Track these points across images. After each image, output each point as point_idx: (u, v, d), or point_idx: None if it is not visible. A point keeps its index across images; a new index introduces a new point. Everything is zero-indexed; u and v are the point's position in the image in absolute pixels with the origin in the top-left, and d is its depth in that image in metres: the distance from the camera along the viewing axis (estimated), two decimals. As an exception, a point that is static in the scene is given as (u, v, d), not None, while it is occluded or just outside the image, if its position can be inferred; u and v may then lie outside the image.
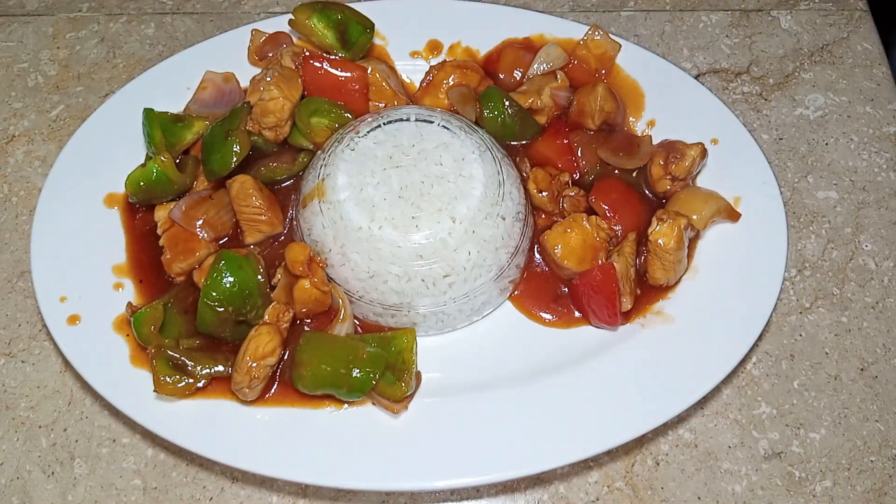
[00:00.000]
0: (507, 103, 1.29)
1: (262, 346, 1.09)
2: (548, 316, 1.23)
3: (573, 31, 1.42)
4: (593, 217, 1.23)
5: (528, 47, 1.42)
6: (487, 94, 1.30)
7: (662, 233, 1.17)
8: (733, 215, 1.25)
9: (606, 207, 1.25)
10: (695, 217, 1.23)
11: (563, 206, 1.27)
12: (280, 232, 1.26)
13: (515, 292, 1.25)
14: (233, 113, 1.26)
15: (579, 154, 1.32)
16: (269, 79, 1.26)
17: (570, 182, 1.29)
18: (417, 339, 1.16)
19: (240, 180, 1.22)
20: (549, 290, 1.25)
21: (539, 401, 1.13)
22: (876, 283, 1.33)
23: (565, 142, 1.32)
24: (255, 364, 1.09)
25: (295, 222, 1.26)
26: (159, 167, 1.22)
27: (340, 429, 1.11)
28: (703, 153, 1.27)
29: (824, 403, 1.23)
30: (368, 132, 1.22)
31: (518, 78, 1.40)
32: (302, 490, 1.16)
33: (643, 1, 1.65)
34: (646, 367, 1.15)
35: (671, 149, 1.27)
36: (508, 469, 1.08)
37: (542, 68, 1.38)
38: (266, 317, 1.13)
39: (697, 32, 1.61)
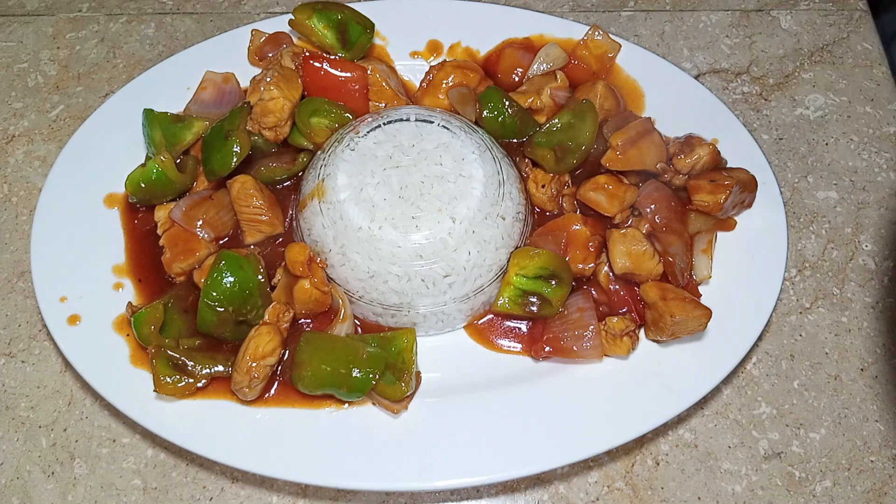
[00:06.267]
0: (507, 103, 1.28)
1: (262, 346, 1.09)
2: (507, 343, 1.21)
3: (573, 31, 1.42)
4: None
5: (528, 47, 1.42)
6: (487, 94, 1.30)
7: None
8: (724, 226, 1.25)
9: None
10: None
11: (562, 205, 1.27)
12: (280, 232, 1.26)
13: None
14: (233, 113, 1.26)
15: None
16: (269, 79, 1.26)
17: (569, 182, 1.29)
18: (417, 339, 1.16)
19: (240, 180, 1.22)
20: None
21: (539, 401, 1.13)
22: (876, 283, 1.33)
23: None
24: (255, 364, 1.09)
25: (295, 222, 1.26)
26: (159, 167, 1.22)
27: (340, 429, 1.11)
28: (713, 153, 1.25)
29: (824, 403, 1.23)
30: (368, 132, 1.22)
31: (518, 78, 1.40)
32: (302, 490, 1.16)
33: (643, 1, 1.65)
34: (646, 368, 1.15)
35: (686, 142, 1.26)
36: (508, 469, 1.08)
37: (541, 68, 1.38)
38: (266, 317, 1.13)
39: (697, 32, 1.61)
